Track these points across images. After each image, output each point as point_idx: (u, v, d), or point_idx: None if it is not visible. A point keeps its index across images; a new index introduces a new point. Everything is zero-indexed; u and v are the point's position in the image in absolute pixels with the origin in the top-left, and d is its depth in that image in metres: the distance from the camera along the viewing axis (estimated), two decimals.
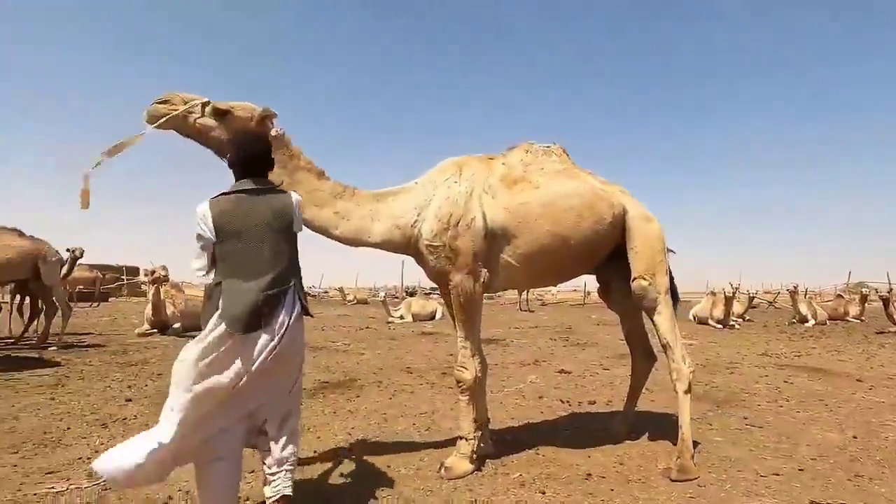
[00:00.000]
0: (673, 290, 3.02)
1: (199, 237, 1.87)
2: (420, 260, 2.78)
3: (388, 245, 2.71)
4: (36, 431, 3.29)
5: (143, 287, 30.92)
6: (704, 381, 5.08)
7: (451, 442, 2.92)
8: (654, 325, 2.88)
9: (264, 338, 1.82)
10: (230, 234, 1.86)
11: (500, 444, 3.12)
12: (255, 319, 1.80)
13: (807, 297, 15.16)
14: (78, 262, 8.70)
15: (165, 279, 8.71)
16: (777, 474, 2.66)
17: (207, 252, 1.89)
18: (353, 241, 2.68)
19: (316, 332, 10.20)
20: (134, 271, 34.14)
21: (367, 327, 10.74)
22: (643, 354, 3.32)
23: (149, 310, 8.69)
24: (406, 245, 2.73)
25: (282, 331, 1.84)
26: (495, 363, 5.83)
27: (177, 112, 2.28)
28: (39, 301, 7.26)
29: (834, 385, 5.01)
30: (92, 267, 20.93)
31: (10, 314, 8.58)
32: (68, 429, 3.38)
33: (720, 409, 4.00)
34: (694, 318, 13.38)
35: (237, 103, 2.42)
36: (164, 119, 2.27)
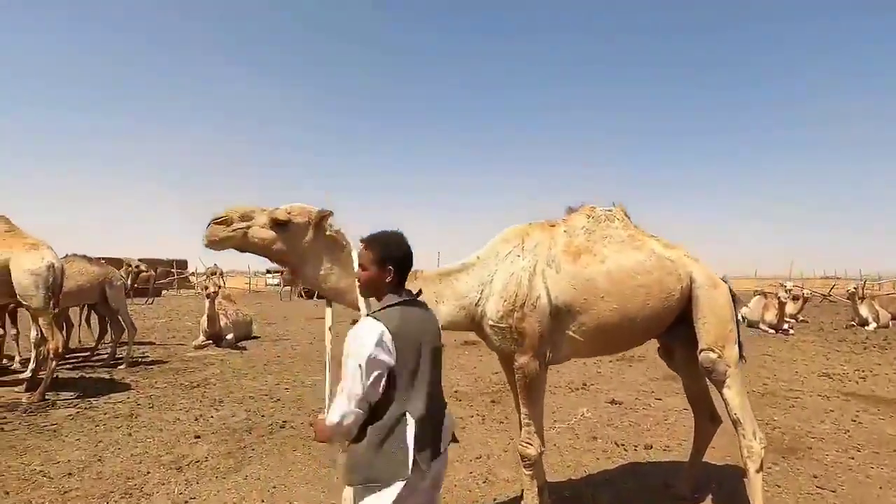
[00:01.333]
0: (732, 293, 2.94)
1: (374, 363, 1.51)
2: (482, 336, 2.77)
3: (454, 326, 2.71)
4: (120, 478, 3.52)
5: (191, 280, 32.56)
6: (765, 418, 4.91)
7: (512, 501, 2.96)
8: (724, 398, 2.79)
9: (435, 467, 1.67)
10: (408, 357, 1.59)
11: (560, 501, 3.14)
12: (436, 449, 1.67)
13: (864, 288, 13.71)
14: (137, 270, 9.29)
15: (216, 293, 9.07)
16: None
17: (379, 382, 1.53)
18: None
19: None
20: (182, 264, 35.80)
21: None
22: (708, 417, 3.23)
23: (204, 321, 9.09)
24: (471, 324, 2.72)
25: (445, 457, 1.75)
26: None
27: (235, 235, 2.31)
28: (108, 319, 7.71)
29: None
30: (143, 261, 22.17)
31: (79, 327, 9.20)
32: (148, 473, 3.61)
33: (786, 462, 3.87)
34: (744, 319, 12.89)
35: (293, 207, 2.41)
36: (224, 240, 2.31)
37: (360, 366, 1.49)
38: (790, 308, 12.38)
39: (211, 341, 9.14)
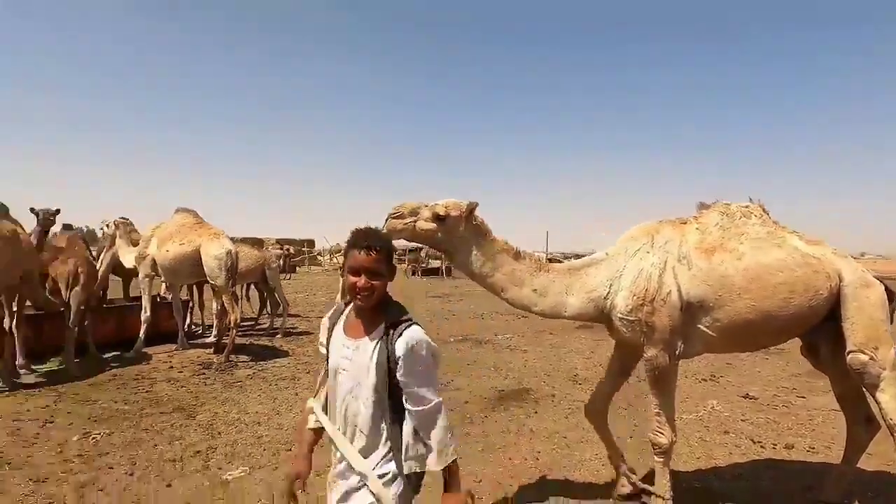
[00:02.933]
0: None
1: None
2: (610, 329, 2.92)
3: (582, 317, 2.89)
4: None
5: (319, 258, 36.03)
6: None
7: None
8: (878, 402, 2.63)
9: None
10: None
11: (689, 492, 3.20)
12: None
13: None
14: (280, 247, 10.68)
15: None
16: None
17: None
18: (551, 315, 2.92)
19: (475, 320, 10.97)
20: (311, 243, 39.77)
21: (523, 316, 11.03)
22: (862, 421, 3.02)
23: (339, 297, 10.21)
24: (599, 316, 2.88)
25: None
26: None
27: (407, 227, 2.70)
28: (266, 295, 9.05)
29: None
30: (278, 241, 25.13)
31: (241, 301, 10.89)
32: None
33: None
34: None
35: (449, 202, 2.74)
36: (400, 231, 2.72)
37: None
38: None
39: None
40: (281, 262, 9.92)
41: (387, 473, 1.54)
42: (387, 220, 2.73)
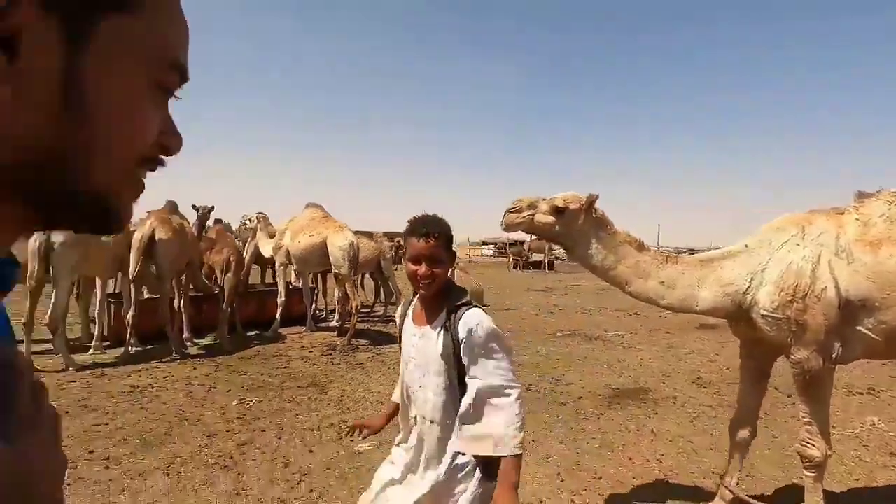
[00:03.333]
0: None
1: None
2: (750, 325, 2.68)
3: (716, 312, 2.69)
4: None
5: None
6: None
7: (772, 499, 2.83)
8: None
9: None
10: None
11: None
12: None
13: None
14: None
15: (454, 264, 10.38)
16: None
17: None
18: (679, 309, 2.76)
19: (583, 315, 10.64)
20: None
21: (635, 312, 10.49)
22: None
23: None
24: (737, 311, 2.67)
25: None
26: None
27: (525, 220, 2.74)
28: (380, 284, 9.64)
29: None
30: (385, 234, 26.53)
31: (356, 290, 11.71)
32: None
33: None
34: None
35: (568, 195, 2.72)
36: (517, 225, 2.77)
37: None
38: None
39: None
40: (393, 252, 10.49)
41: (466, 464, 1.52)
42: (504, 214, 2.79)
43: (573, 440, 3.93)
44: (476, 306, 1.55)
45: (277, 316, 7.47)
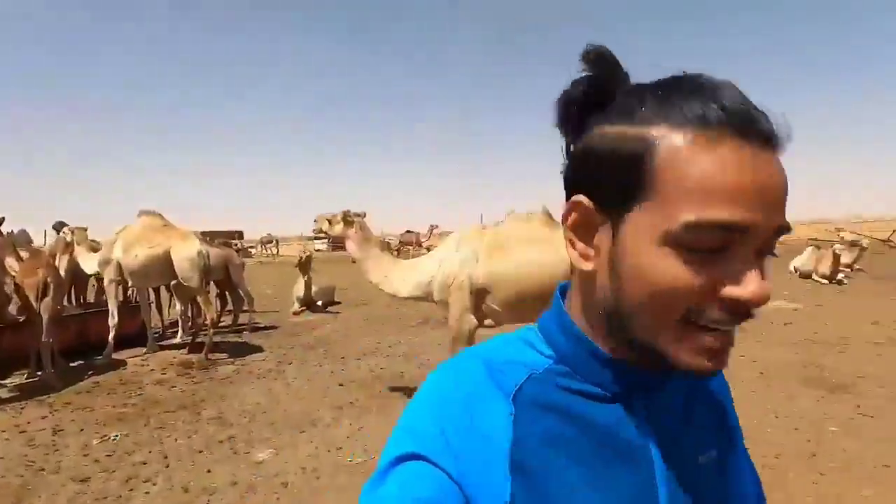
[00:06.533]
0: None
1: None
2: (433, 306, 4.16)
3: (414, 297, 4.40)
4: (302, 415, 4.65)
5: (251, 250, 34.86)
6: (814, 361, 5.63)
7: None
8: None
9: None
10: None
11: None
12: None
13: None
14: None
15: (310, 260, 10.28)
16: (887, 465, 3.34)
17: None
18: (393, 295, 4.51)
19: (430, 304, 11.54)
20: (240, 234, 38.41)
21: None
22: None
23: (299, 289, 10.34)
24: (426, 297, 4.32)
25: None
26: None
27: (322, 227, 4.15)
28: (228, 293, 9.04)
29: None
30: (203, 233, 24.12)
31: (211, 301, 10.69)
32: (319, 411, 4.75)
33: (833, 395, 4.61)
34: (795, 270, 13.17)
35: (337, 213, 4.14)
36: (320, 231, 4.11)
37: None
38: (846, 258, 12.52)
39: (305, 308, 10.44)
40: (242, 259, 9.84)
41: None
42: (314, 224, 4.38)
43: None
44: None
45: (111, 339, 6.57)
